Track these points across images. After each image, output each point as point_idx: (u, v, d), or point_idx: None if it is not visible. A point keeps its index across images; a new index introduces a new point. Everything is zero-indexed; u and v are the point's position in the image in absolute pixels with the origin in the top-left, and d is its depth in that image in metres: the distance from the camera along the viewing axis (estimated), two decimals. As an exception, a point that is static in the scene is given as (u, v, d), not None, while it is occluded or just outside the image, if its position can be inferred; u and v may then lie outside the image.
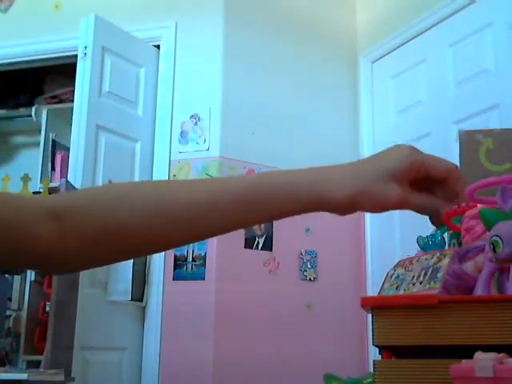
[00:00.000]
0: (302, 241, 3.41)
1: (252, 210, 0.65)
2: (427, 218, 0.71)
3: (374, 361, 0.67)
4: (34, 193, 3.25)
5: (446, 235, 0.94)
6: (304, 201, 0.65)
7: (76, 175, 3.12)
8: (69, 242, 0.63)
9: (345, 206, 0.65)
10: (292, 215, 0.67)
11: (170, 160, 3.43)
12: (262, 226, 3.29)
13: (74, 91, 3.34)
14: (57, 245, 0.63)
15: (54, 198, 0.68)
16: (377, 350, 0.70)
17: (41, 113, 4.29)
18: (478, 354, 0.52)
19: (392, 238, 3.42)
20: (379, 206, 0.66)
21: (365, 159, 0.68)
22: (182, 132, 3.44)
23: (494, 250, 0.66)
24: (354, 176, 0.65)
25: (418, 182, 0.68)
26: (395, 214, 3.44)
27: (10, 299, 3.46)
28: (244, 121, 3.43)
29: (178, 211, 0.64)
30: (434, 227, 0.77)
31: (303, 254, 3.42)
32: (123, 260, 0.72)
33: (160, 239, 0.66)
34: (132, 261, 3.18)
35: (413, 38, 3.47)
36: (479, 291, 0.67)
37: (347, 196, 0.64)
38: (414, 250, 0.92)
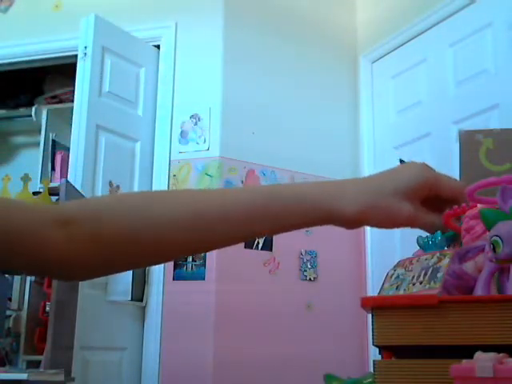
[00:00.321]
0: (302, 241, 3.41)
1: (263, 221, 0.66)
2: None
3: (374, 361, 0.67)
4: (34, 193, 3.24)
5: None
6: (315, 214, 0.66)
7: (76, 175, 3.11)
8: (77, 248, 0.63)
9: (353, 221, 0.66)
10: (300, 228, 0.67)
11: (170, 160, 3.43)
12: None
13: (74, 91, 3.34)
14: (65, 251, 0.63)
15: (65, 205, 0.68)
16: (377, 349, 0.70)
17: (41, 113, 4.29)
18: (478, 354, 0.52)
19: (392, 238, 3.42)
20: (389, 221, 0.66)
21: (377, 175, 0.68)
22: (182, 132, 3.44)
23: (494, 249, 0.66)
24: (365, 192, 0.65)
25: (429, 200, 0.68)
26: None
27: (10, 299, 3.46)
28: (244, 121, 3.43)
29: (190, 222, 0.64)
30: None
31: (303, 254, 3.42)
32: (132, 268, 0.72)
33: (172, 248, 0.66)
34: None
35: (413, 38, 3.47)
36: (479, 291, 0.67)
37: (356, 211, 0.65)
38: (413, 250, 0.92)
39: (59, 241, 0.62)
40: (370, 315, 0.68)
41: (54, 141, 4.07)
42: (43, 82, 4.38)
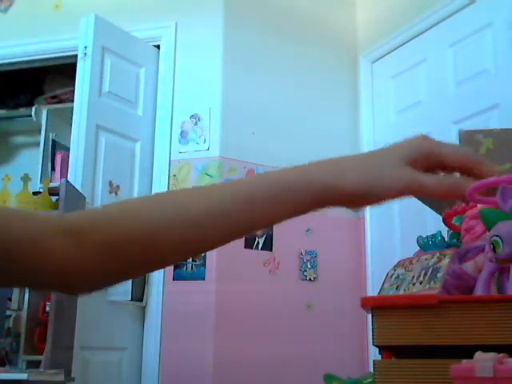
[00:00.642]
0: (302, 241, 3.41)
1: (264, 209, 0.64)
2: (427, 217, 0.70)
3: (374, 361, 0.67)
4: (34, 193, 3.24)
5: (445, 235, 0.94)
6: (316, 193, 0.64)
7: (76, 175, 3.12)
8: (83, 257, 0.62)
9: (355, 197, 0.64)
10: (303, 212, 0.65)
11: (170, 160, 3.43)
12: (262, 225, 3.29)
13: (74, 91, 3.34)
14: (69, 261, 0.62)
15: (72, 214, 0.67)
16: (377, 349, 0.70)
17: (41, 113, 4.29)
18: (478, 354, 0.52)
19: (392, 238, 3.42)
20: (391, 192, 0.64)
21: (375, 151, 0.67)
22: (182, 132, 3.44)
23: (493, 249, 0.66)
24: (366, 165, 0.64)
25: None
26: (395, 214, 3.44)
27: (10, 299, 3.46)
28: (244, 121, 3.43)
29: (191, 221, 0.64)
30: (461, 203, 0.72)
31: (303, 254, 3.42)
32: (134, 276, 0.71)
33: (176, 249, 0.65)
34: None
35: (413, 38, 3.47)
36: (479, 291, 0.67)
37: (359, 186, 0.63)
38: (414, 250, 0.92)
39: (64, 250, 0.61)
40: (369, 315, 0.68)
41: (54, 141, 4.07)
42: (43, 82, 4.38)
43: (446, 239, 0.92)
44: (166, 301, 3.26)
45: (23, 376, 2.35)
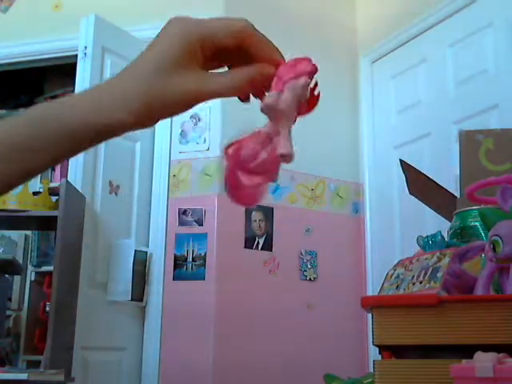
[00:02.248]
0: (302, 241, 3.40)
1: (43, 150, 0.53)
2: (427, 217, 0.70)
3: (374, 361, 0.67)
4: (33, 193, 3.24)
5: (445, 235, 0.94)
6: (87, 135, 0.54)
7: (76, 175, 3.11)
8: None
9: (141, 123, 0.56)
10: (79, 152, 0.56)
11: (170, 160, 3.43)
12: (263, 225, 3.29)
13: (73, 91, 3.34)
14: None
15: None
16: (377, 349, 0.70)
17: (41, 113, 4.29)
18: (478, 354, 0.52)
19: (392, 238, 3.42)
20: (178, 106, 0.55)
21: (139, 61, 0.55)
22: (182, 132, 3.44)
23: (494, 249, 0.66)
24: (135, 81, 0.53)
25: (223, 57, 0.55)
26: (395, 214, 3.44)
27: (9, 299, 3.46)
28: (244, 121, 3.42)
29: None
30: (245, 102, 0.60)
31: (303, 254, 3.42)
32: None
33: None
34: (132, 261, 3.18)
35: (413, 38, 3.47)
36: (479, 291, 0.67)
37: (137, 113, 0.54)
38: (414, 249, 0.92)
39: None
40: (369, 315, 0.68)
41: (53, 141, 4.06)
42: (43, 82, 4.38)
43: (446, 239, 0.92)
44: (165, 301, 3.26)
45: (23, 376, 2.35)
